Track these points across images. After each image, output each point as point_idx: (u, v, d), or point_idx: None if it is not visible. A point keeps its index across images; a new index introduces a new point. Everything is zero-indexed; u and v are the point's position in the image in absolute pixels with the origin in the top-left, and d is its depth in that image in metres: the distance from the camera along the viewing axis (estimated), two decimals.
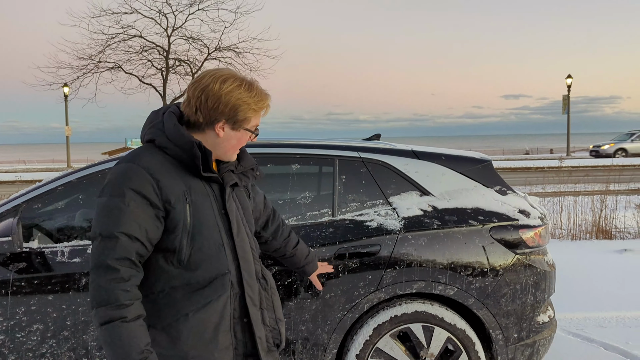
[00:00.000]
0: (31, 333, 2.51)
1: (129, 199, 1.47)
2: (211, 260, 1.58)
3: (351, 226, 2.73)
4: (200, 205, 1.57)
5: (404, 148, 2.98)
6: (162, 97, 22.90)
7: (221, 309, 1.59)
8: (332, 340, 2.66)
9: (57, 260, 2.56)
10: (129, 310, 1.45)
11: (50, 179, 2.79)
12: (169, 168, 1.55)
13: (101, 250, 1.47)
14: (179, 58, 22.27)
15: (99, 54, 21.13)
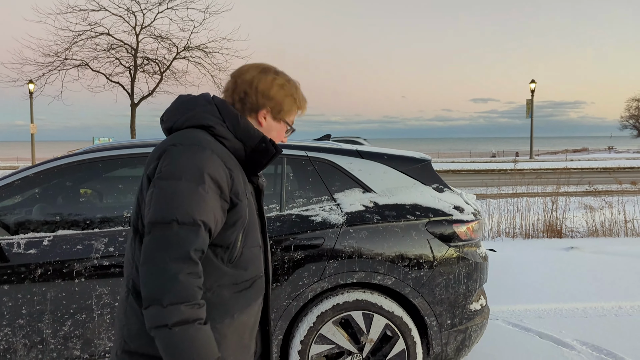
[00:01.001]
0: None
1: (209, 187, 1.36)
2: (255, 260, 1.54)
3: (297, 220, 2.91)
4: (250, 203, 1.52)
5: (349, 148, 3.18)
6: (130, 96, 22.69)
7: (257, 311, 1.57)
8: (278, 327, 2.83)
9: (13, 252, 2.66)
10: (203, 311, 1.33)
11: (7, 174, 2.88)
12: (232, 160, 1.48)
13: (181, 238, 1.30)
14: (148, 57, 22.11)
15: (65, 51, 20.82)
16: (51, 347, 2.67)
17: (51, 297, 2.64)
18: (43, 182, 2.86)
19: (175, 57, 22.05)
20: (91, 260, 2.69)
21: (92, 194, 3.42)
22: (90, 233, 2.77)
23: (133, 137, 23.37)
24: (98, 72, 21.82)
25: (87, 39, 20.95)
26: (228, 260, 1.45)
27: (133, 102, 22.83)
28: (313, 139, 3.49)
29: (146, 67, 22.37)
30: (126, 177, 3.17)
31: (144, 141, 3.06)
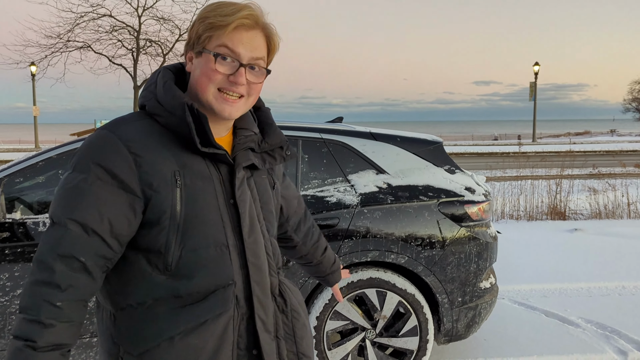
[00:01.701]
0: (15, 297, 2.70)
1: (94, 178, 1.11)
2: (209, 266, 1.17)
3: (312, 201, 2.99)
4: (198, 191, 1.17)
5: (363, 130, 3.24)
6: (133, 78, 22.66)
7: (220, 334, 1.17)
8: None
9: (38, 230, 2.75)
10: (44, 333, 1.04)
11: (31, 154, 2.96)
12: (160, 141, 1.17)
13: (47, 239, 1.10)
14: (150, 39, 22.03)
15: (67, 33, 20.75)
16: None
17: None
18: (65, 163, 2.93)
19: (177, 39, 21.95)
20: None
21: None
22: None
23: None
24: (100, 55, 21.78)
25: (90, 21, 20.87)
26: (165, 268, 1.16)
27: (136, 84, 22.81)
28: (326, 121, 3.55)
29: (149, 49, 22.31)
30: None
31: None
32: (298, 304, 1.39)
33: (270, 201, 1.33)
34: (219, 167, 1.22)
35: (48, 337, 1.05)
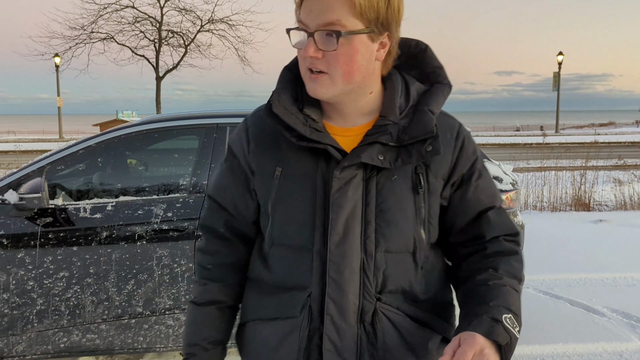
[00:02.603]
0: (58, 280, 2.83)
1: (226, 159, 1.20)
2: (289, 266, 1.11)
3: None
4: (293, 187, 1.09)
5: None
6: (155, 69, 22.91)
7: (282, 336, 1.10)
8: None
9: (80, 216, 2.86)
10: (200, 290, 1.20)
11: (72, 143, 3.07)
12: (272, 132, 1.13)
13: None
14: (172, 30, 22.22)
15: (91, 25, 21.03)
16: (116, 304, 2.89)
17: (116, 258, 2.85)
18: (104, 152, 3.04)
19: (199, 30, 22.11)
20: (151, 224, 2.88)
21: (137, 164, 3.61)
22: (149, 199, 2.96)
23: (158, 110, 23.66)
24: (123, 46, 22.04)
25: (113, 12, 21.12)
26: (262, 253, 1.17)
27: (158, 75, 23.05)
28: None
29: (171, 40, 22.50)
30: (180, 147, 3.34)
31: (197, 113, 3.22)
32: (407, 346, 1.08)
33: (397, 208, 1.06)
34: (329, 163, 1.06)
35: (204, 295, 1.19)
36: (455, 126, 1.13)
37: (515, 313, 1.00)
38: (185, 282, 2.90)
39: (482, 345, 0.92)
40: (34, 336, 2.87)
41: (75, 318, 2.88)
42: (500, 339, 0.94)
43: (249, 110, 3.23)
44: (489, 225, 1.12)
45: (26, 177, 2.93)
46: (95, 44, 21.76)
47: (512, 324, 0.97)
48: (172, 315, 2.94)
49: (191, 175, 3.03)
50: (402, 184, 1.06)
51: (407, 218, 1.06)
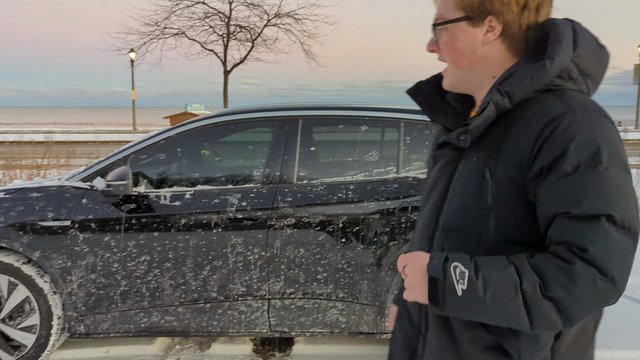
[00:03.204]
0: (139, 263, 2.98)
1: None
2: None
3: (414, 182, 3.02)
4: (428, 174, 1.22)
5: None
6: (223, 63, 23.52)
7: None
8: (394, 283, 3.00)
9: (160, 203, 3.00)
10: None
11: (153, 133, 3.22)
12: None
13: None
14: (240, 24, 22.72)
15: (164, 20, 21.89)
16: (192, 288, 3.01)
17: (193, 244, 2.97)
18: (183, 142, 3.17)
19: (266, 25, 22.48)
20: (227, 213, 2.97)
21: (210, 155, 3.73)
22: (225, 189, 3.05)
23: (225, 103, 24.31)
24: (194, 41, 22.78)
25: (184, 8, 21.87)
26: None
27: (226, 69, 23.66)
28: None
29: (238, 34, 23.02)
30: (255, 140, 3.42)
31: (270, 105, 3.28)
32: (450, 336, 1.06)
33: (459, 190, 1.04)
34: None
35: None
36: (554, 112, 0.95)
37: (477, 274, 0.93)
38: (258, 270, 2.98)
39: (418, 259, 1.00)
40: (117, 315, 3.05)
41: (155, 300, 3.02)
42: (430, 271, 0.96)
43: (317, 103, 3.25)
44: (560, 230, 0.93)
45: (112, 165, 3.10)
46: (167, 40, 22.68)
47: (458, 274, 0.94)
48: (245, 301, 3.03)
49: (264, 167, 3.10)
50: (474, 166, 1.02)
51: (466, 202, 1.02)
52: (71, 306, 3.02)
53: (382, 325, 3.06)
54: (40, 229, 2.95)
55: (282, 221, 2.97)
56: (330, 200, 2.99)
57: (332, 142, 3.33)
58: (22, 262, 2.99)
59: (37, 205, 2.99)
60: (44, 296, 2.97)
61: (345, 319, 3.07)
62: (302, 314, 3.06)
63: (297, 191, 3.02)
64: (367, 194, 2.99)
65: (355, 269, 2.99)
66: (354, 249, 2.97)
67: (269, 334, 3.11)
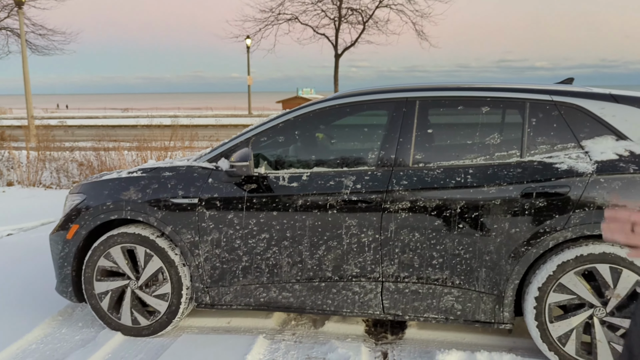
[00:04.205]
0: (259, 241, 3.13)
1: None
2: None
3: (540, 167, 2.84)
4: None
5: (602, 92, 2.94)
6: (334, 47, 23.69)
7: None
8: (514, 272, 2.86)
9: (279, 184, 3.11)
10: None
11: (273, 117, 3.33)
12: None
13: None
14: (351, 7, 22.69)
15: (278, 6, 22.51)
16: (308, 267, 3.10)
17: (309, 225, 3.04)
18: (301, 125, 3.25)
19: (377, 6, 22.24)
20: (342, 195, 3.01)
21: (323, 138, 3.77)
22: (340, 171, 3.08)
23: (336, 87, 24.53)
24: (306, 25, 23.18)
25: None
26: None
27: (337, 52, 23.82)
28: (555, 83, 3.30)
29: (350, 17, 23.02)
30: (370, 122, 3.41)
31: (386, 87, 3.24)
32: None
33: None
34: None
35: None
36: None
37: None
38: (372, 252, 2.99)
39: None
40: (239, 289, 3.23)
41: (273, 276, 3.16)
42: None
43: (435, 84, 3.16)
44: None
45: (235, 147, 3.27)
46: (281, 25, 23.28)
47: None
48: (359, 282, 3.06)
49: (380, 149, 3.08)
50: None
51: None
52: (198, 278, 3.26)
53: (501, 315, 2.94)
54: (171, 206, 3.20)
55: (397, 204, 2.94)
56: (448, 185, 2.90)
57: (451, 124, 3.23)
58: (156, 236, 3.27)
59: (169, 184, 3.24)
60: (175, 267, 3.23)
61: (461, 306, 2.99)
62: (416, 298, 3.03)
63: (413, 174, 2.97)
64: (487, 178, 2.87)
65: (473, 256, 2.89)
66: (472, 235, 2.87)
67: (382, 316, 3.13)
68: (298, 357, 3.07)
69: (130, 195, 3.27)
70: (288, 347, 3.20)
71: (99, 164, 8.91)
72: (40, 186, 8.97)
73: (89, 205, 3.35)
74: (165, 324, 3.32)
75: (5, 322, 3.53)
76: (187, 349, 3.14)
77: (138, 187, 3.29)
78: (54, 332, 3.47)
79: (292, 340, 3.30)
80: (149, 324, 3.33)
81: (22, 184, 9.05)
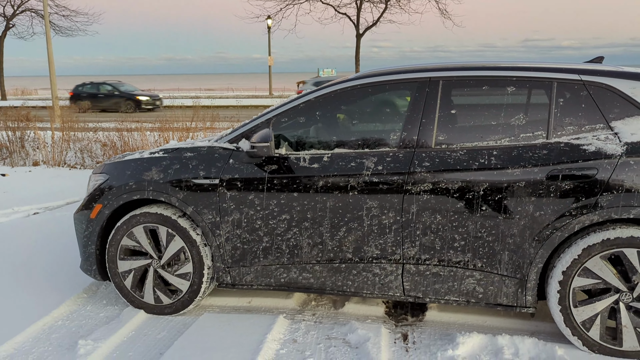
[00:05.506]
0: (280, 221, 3.13)
1: None
2: None
3: (566, 149, 2.76)
4: None
5: (633, 71, 2.84)
6: (356, 26, 23.42)
7: None
8: (538, 255, 2.81)
9: (300, 165, 3.10)
10: None
11: (293, 97, 3.31)
12: None
13: None
14: None
15: None
16: (328, 248, 3.10)
17: (330, 206, 3.03)
18: (322, 106, 3.22)
19: None
20: (363, 176, 2.98)
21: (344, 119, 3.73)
22: (362, 152, 3.06)
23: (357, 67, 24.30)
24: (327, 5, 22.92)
25: None
26: None
27: (358, 32, 23.53)
28: (584, 62, 3.20)
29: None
30: (391, 102, 3.37)
31: (409, 67, 3.19)
32: None
33: None
34: None
35: None
36: None
37: None
38: (393, 234, 2.97)
39: None
40: (260, 269, 3.25)
41: (294, 257, 3.17)
42: None
43: (458, 64, 3.09)
44: None
45: (256, 127, 3.26)
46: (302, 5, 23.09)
47: None
48: (379, 264, 3.05)
49: (402, 130, 3.04)
50: None
51: None
52: (219, 258, 3.28)
53: (523, 299, 2.91)
54: (193, 186, 3.22)
55: (419, 186, 2.91)
56: (471, 166, 2.85)
57: (475, 105, 3.16)
58: (178, 216, 3.29)
59: (190, 164, 3.26)
60: (196, 247, 3.26)
61: (482, 289, 2.96)
62: (437, 280, 3.01)
63: (435, 156, 2.93)
64: (512, 160, 2.81)
65: (496, 239, 2.85)
66: (495, 217, 2.82)
67: (402, 298, 3.12)
68: (318, 337, 3.09)
69: (152, 176, 3.30)
70: (308, 327, 3.21)
71: (121, 144, 9.01)
72: (65, 166, 9.14)
73: (111, 185, 3.39)
74: (187, 303, 3.36)
75: (33, 299, 3.62)
76: (209, 327, 3.18)
77: (160, 167, 3.31)
78: (80, 309, 3.55)
79: (312, 321, 3.32)
80: (171, 302, 3.38)
81: (47, 164, 9.23)
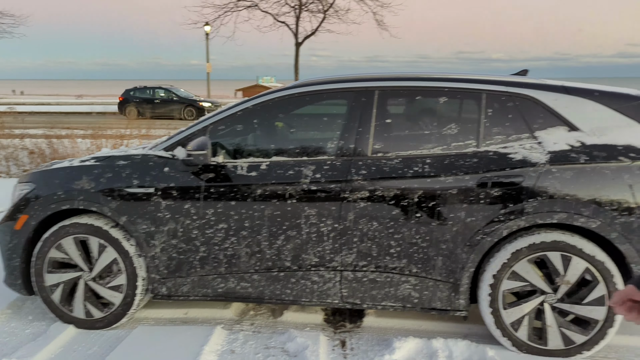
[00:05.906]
0: (217, 231, 3.08)
1: None
2: None
3: (495, 157, 2.89)
4: None
5: (554, 84, 3.02)
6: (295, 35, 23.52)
7: None
8: (470, 260, 2.91)
9: (237, 173, 3.06)
10: None
11: (231, 105, 3.27)
12: None
13: None
14: None
15: None
16: (267, 257, 3.08)
17: (268, 214, 3.01)
18: (259, 114, 3.20)
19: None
20: (301, 184, 2.99)
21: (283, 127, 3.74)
22: (300, 160, 3.06)
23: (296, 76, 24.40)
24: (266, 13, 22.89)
25: None
26: None
27: (297, 41, 23.65)
28: (510, 74, 3.37)
29: (310, 5, 22.86)
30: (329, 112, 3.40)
31: (346, 77, 3.23)
32: None
33: None
34: None
35: None
36: None
37: None
38: (331, 241, 2.99)
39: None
40: (196, 279, 3.18)
41: (231, 266, 3.12)
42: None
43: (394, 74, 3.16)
44: None
45: (192, 135, 3.19)
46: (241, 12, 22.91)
47: None
48: (318, 272, 3.06)
49: (339, 139, 3.07)
50: None
51: None
52: (154, 269, 3.18)
53: (457, 302, 3.00)
54: (126, 195, 3.11)
55: (356, 194, 2.95)
56: (406, 174, 2.92)
57: (409, 115, 3.24)
58: (110, 226, 3.17)
59: (124, 173, 3.15)
60: (129, 258, 3.15)
61: (417, 294, 3.03)
62: (374, 287, 3.05)
63: (372, 164, 2.98)
64: (444, 168, 2.90)
65: (430, 245, 2.93)
66: (429, 224, 2.90)
67: (340, 305, 3.14)
68: (256, 347, 3.05)
69: (82, 185, 3.16)
70: (246, 337, 3.17)
71: (51, 152, 8.58)
72: None
73: (38, 195, 3.21)
74: (120, 316, 3.23)
75: None
76: (143, 340, 3.07)
77: (91, 176, 3.18)
78: (3, 326, 3.33)
79: (250, 330, 3.27)
80: (103, 316, 3.24)
81: None
